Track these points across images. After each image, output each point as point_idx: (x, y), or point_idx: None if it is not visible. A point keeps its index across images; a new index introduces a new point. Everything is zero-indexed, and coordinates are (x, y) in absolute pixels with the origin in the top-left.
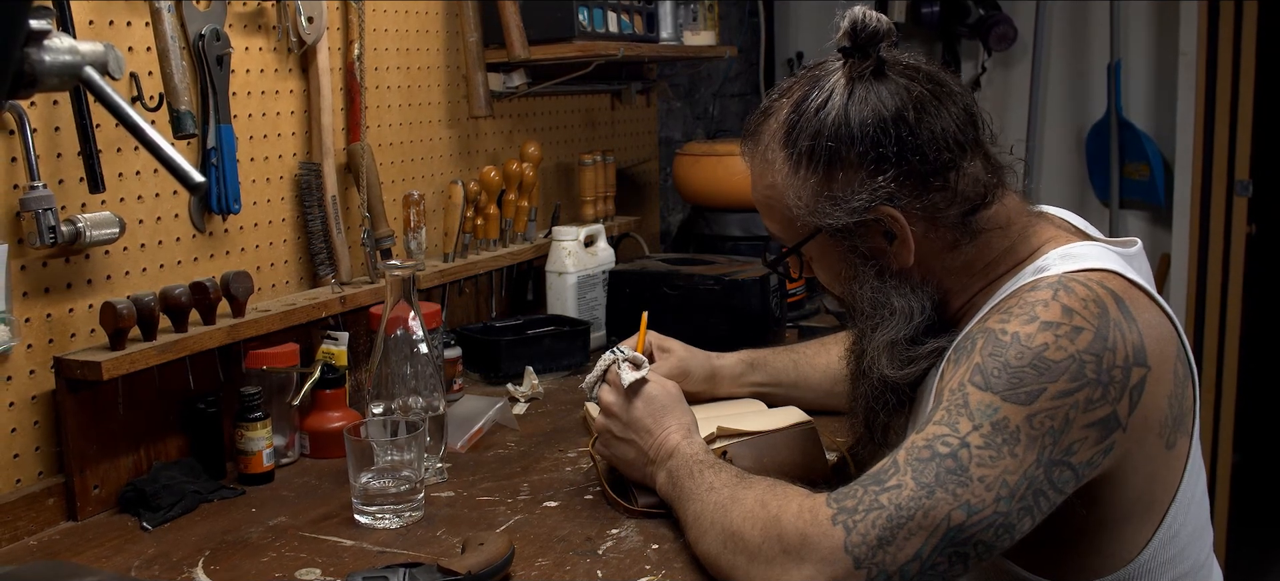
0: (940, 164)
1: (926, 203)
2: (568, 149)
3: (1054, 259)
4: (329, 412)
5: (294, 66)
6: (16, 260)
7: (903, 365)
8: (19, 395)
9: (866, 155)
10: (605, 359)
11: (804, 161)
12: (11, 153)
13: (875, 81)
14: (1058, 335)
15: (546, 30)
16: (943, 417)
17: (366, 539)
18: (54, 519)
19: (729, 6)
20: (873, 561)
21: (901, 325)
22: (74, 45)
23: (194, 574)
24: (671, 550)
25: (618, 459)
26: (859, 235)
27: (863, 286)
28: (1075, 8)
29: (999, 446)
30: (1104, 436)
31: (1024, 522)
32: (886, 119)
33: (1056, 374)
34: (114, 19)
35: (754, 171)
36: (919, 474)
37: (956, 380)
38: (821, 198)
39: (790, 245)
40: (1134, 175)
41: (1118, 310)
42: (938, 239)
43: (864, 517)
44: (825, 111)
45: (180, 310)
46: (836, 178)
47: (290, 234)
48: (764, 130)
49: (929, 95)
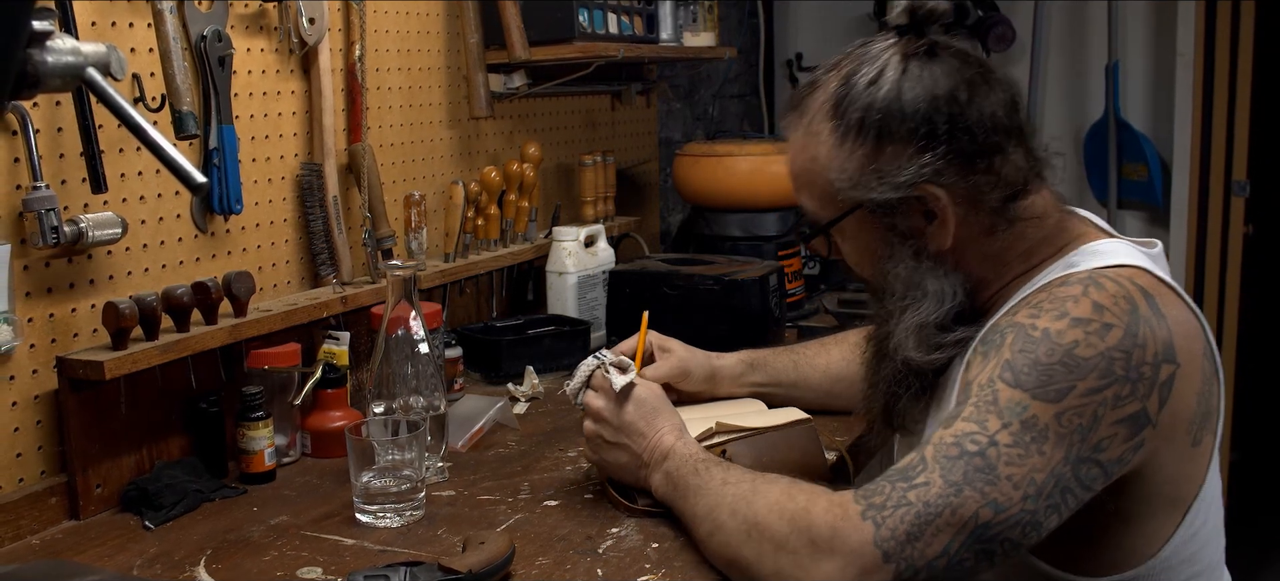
0: (988, 146)
1: (970, 184)
2: (568, 149)
3: (1083, 255)
4: (330, 412)
5: (295, 67)
6: (19, 260)
7: (929, 350)
8: (22, 394)
9: (917, 131)
10: (587, 364)
11: (852, 134)
12: (14, 153)
13: (929, 60)
14: (1088, 332)
15: (547, 31)
16: (971, 414)
17: (368, 538)
18: (56, 518)
19: (728, 8)
20: (902, 556)
21: (933, 308)
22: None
23: (196, 572)
24: (671, 549)
25: (610, 464)
26: (900, 212)
27: (898, 266)
28: (1073, 9)
29: (1027, 445)
30: (1134, 433)
31: (1051, 519)
32: (939, 97)
33: (1086, 371)
34: (116, 20)
35: (796, 144)
36: (947, 471)
37: (986, 375)
38: (867, 171)
39: (827, 220)
40: (1132, 176)
41: (1147, 307)
42: (976, 223)
43: (893, 513)
44: (877, 86)
45: (182, 310)
46: (885, 151)
47: (292, 234)
48: (810, 103)
49: (979, 78)
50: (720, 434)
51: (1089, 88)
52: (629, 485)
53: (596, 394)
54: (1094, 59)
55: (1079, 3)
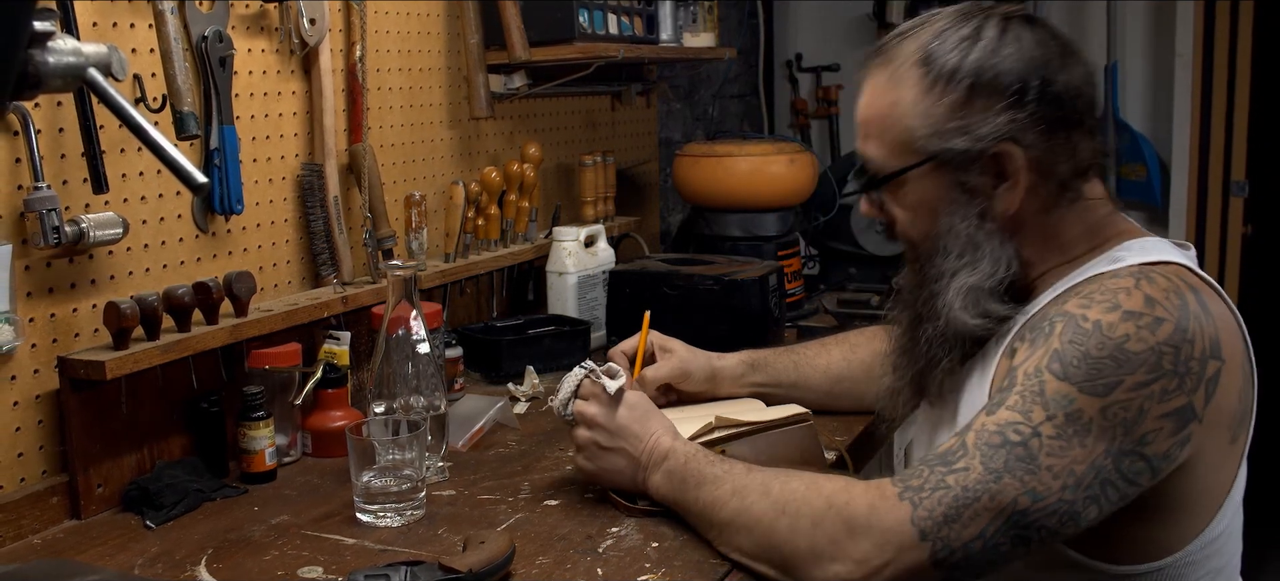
0: (1070, 118)
1: (1047, 151)
2: (568, 150)
3: (1128, 249)
4: (331, 412)
5: (296, 68)
6: (21, 260)
7: (977, 314)
8: (23, 394)
9: (1009, 88)
10: (574, 375)
11: (943, 82)
12: (15, 153)
13: (1027, 26)
14: (1140, 326)
15: (547, 32)
16: (1016, 403)
17: (368, 537)
18: (58, 517)
19: (728, 8)
20: (938, 536)
21: (988, 272)
22: (78, 47)
23: (197, 572)
24: (672, 548)
25: (606, 470)
26: (974, 168)
27: (962, 223)
28: (1072, 11)
29: (1070, 437)
30: (1180, 427)
31: (1090, 511)
32: (1035, 59)
33: (1135, 366)
34: (117, 21)
35: (875, 88)
36: (988, 459)
37: (1032, 364)
38: (952, 120)
39: (898, 168)
40: (1131, 176)
41: (1196, 302)
42: (1042, 193)
43: (930, 495)
44: (974, 42)
45: (183, 310)
46: (974, 104)
47: (292, 234)
48: (899, 50)
49: (1069, 50)
50: (720, 428)
51: None
52: (625, 490)
53: (587, 401)
54: (1093, 60)
55: (1078, 4)
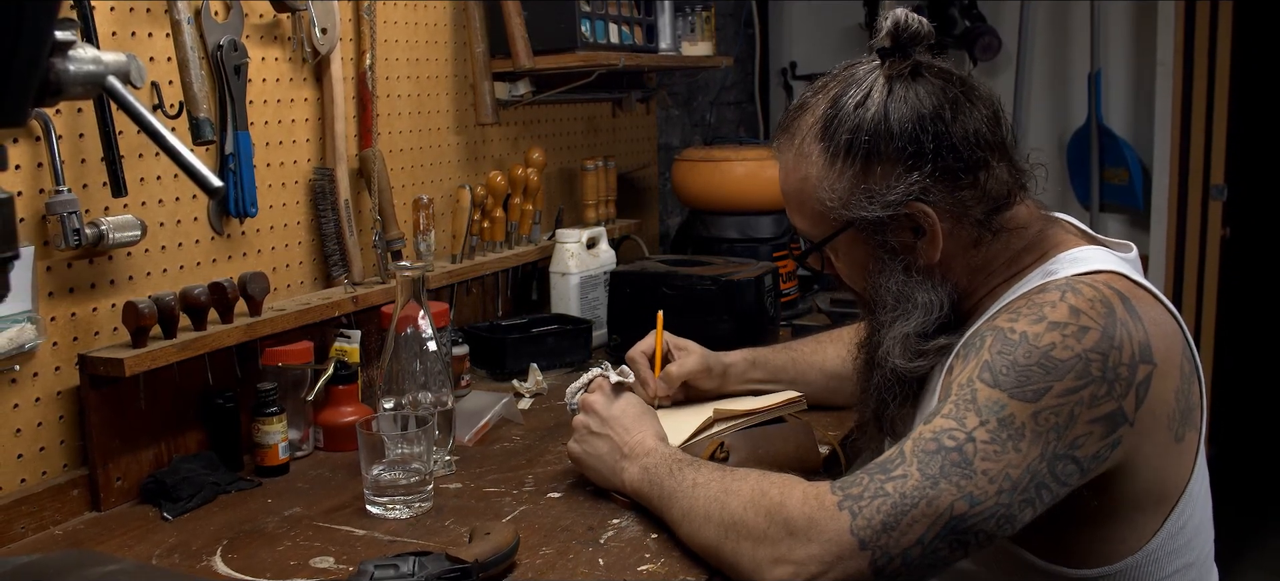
0: (972, 162)
1: (956, 200)
2: (571, 155)
3: (1062, 262)
4: (342, 407)
5: (309, 76)
6: (42, 261)
7: (913, 357)
8: (45, 391)
9: (904, 150)
10: (592, 372)
11: (842, 155)
12: (38, 158)
13: (913, 81)
14: (1065, 335)
15: (551, 41)
16: (950, 411)
17: (378, 528)
18: (78, 509)
19: (725, 18)
20: (877, 544)
21: (920, 320)
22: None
23: (212, 562)
24: (671, 539)
25: (590, 455)
26: (890, 229)
27: (889, 280)
28: (1057, 19)
29: (1004, 441)
30: (1110, 431)
31: (1025, 513)
32: (925, 116)
33: (1063, 372)
34: (136, 30)
35: (787, 166)
36: (924, 465)
37: (965, 376)
38: (857, 191)
39: (820, 239)
40: (1113, 180)
41: (1124, 310)
42: (962, 236)
43: (869, 503)
44: (864, 108)
45: (199, 309)
46: (874, 172)
47: (305, 236)
48: (800, 125)
49: (962, 96)
50: (719, 421)
51: (1072, 95)
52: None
53: (592, 394)
54: (1077, 67)
55: (1063, 7)
